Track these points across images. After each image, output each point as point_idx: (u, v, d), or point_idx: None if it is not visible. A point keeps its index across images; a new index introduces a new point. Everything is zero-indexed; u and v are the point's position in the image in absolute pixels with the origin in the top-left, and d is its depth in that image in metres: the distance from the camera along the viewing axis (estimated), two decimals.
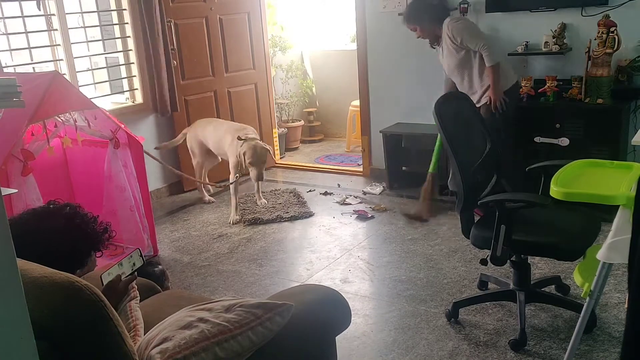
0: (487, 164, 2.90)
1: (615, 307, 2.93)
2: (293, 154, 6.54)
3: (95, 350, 1.39)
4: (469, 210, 2.82)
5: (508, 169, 3.21)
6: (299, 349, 1.87)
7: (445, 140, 2.70)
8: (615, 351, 2.58)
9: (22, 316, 1.02)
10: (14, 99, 1.34)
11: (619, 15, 3.88)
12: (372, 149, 5.27)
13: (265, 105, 5.81)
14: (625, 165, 2.47)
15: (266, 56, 5.79)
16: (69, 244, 1.93)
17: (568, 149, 4.00)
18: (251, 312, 1.71)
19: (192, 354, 1.56)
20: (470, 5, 4.41)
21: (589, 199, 2.18)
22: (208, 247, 4.11)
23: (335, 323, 2.06)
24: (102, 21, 4.87)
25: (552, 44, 4.14)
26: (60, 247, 1.89)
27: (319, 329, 1.98)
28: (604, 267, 2.13)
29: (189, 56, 5.16)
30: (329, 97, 6.98)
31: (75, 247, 1.96)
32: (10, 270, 0.99)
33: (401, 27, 4.29)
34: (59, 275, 1.39)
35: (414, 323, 2.96)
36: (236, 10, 5.47)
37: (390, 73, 5.00)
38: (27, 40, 4.25)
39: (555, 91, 4.10)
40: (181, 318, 1.71)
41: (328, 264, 3.72)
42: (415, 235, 4.01)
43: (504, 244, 2.55)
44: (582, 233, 2.65)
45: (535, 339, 2.74)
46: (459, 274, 3.42)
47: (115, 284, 1.92)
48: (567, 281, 3.16)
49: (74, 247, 1.95)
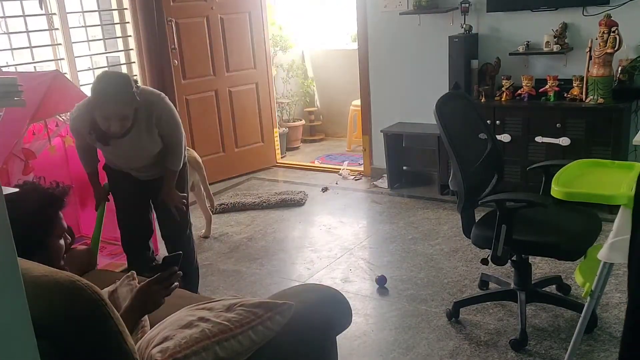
0: (488, 163, 2.90)
1: (616, 307, 2.93)
2: (294, 153, 6.54)
3: (96, 349, 1.39)
4: (469, 209, 2.82)
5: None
6: (300, 348, 1.87)
7: (446, 139, 2.70)
8: (616, 351, 2.58)
9: (23, 315, 1.02)
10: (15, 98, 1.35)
11: (620, 14, 3.88)
12: (373, 148, 5.26)
13: (266, 105, 5.81)
14: (626, 165, 2.46)
15: (267, 56, 5.78)
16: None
17: (569, 148, 4.00)
18: (252, 312, 1.71)
19: (193, 353, 1.56)
20: (471, 4, 4.41)
21: (590, 198, 2.18)
22: (209, 246, 4.11)
23: (336, 322, 2.06)
24: (103, 20, 4.87)
25: (553, 44, 4.14)
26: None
27: (319, 328, 1.98)
28: (605, 267, 2.13)
29: (189, 56, 5.16)
30: (330, 96, 6.98)
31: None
32: (11, 269, 0.99)
33: (402, 26, 4.29)
34: (60, 274, 1.39)
35: (415, 323, 2.95)
36: (237, 10, 5.46)
37: (391, 72, 5.00)
38: (29, 40, 4.25)
39: (556, 91, 4.10)
40: (182, 317, 1.71)
41: (329, 263, 3.72)
42: (416, 235, 4.01)
43: (504, 244, 2.55)
44: (583, 233, 2.65)
45: (536, 338, 2.73)
46: (459, 274, 3.42)
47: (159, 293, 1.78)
48: (568, 281, 3.15)
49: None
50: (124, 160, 2.99)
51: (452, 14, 4.53)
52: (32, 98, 2.93)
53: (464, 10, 4.40)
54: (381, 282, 3.33)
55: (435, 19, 4.64)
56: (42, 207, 1.93)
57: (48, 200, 1.95)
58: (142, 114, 2.79)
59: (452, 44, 4.38)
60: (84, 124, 2.80)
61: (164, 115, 2.86)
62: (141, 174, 3.05)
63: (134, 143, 2.85)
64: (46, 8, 4.31)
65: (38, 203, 1.90)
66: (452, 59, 4.42)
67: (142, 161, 2.98)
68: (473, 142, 2.95)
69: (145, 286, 1.78)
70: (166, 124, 2.87)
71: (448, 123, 2.72)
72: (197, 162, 3.96)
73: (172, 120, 2.90)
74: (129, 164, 3.02)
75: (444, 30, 4.53)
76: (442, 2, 4.56)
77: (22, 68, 4.20)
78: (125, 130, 2.76)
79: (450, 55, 4.41)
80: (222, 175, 5.46)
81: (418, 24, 4.73)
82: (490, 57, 4.46)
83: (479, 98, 4.36)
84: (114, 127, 2.70)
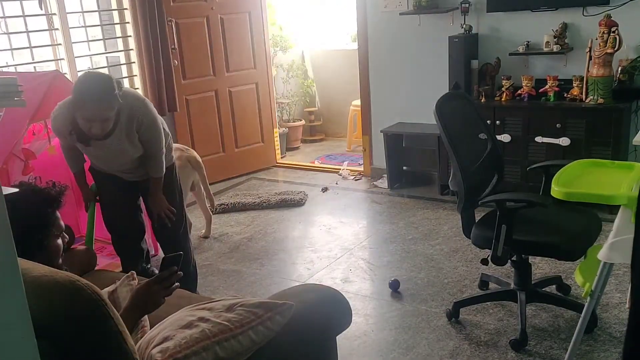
0: (488, 163, 2.90)
1: (617, 307, 2.93)
2: (294, 153, 6.54)
3: (96, 349, 1.39)
4: (469, 209, 2.82)
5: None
6: (300, 348, 1.87)
7: (446, 139, 2.70)
8: (616, 351, 2.58)
9: (23, 315, 1.02)
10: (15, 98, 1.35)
11: (620, 15, 3.88)
12: (373, 148, 5.26)
13: (266, 105, 5.81)
14: (626, 165, 2.47)
15: (267, 56, 5.78)
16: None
17: (569, 148, 4.00)
18: (252, 312, 1.71)
19: (193, 353, 1.56)
20: (471, 5, 4.41)
21: (590, 198, 2.19)
22: (209, 246, 4.11)
23: (336, 322, 2.06)
24: (103, 20, 4.87)
25: (553, 44, 4.14)
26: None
27: (319, 328, 1.98)
28: (605, 267, 2.13)
29: (189, 56, 5.16)
30: (330, 96, 6.98)
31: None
32: (11, 269, 0.99)
33: (402, 26, 4.29)
34: (60, 274, 1.39)
35: (415, 323, 2.95)
36: (237, 10, 5.46)
37: (391, 72, 5.00)
38: (29, 40, 4.25)
39: (556, 91, 4.10)
40: (182, 317, 1.70)
41: (329, 263, 3.72)
42: (416, 235, 4.01)
43: (504, 244, 2.55)
44: (583, 233, 2.65)
45: (536, 339, 2.73)
46: (459, 274, 3.42)
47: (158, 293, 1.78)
48: (568, 281, 3.15)
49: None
50: (105, 162, 2.95)
51: (452, 14, 4.53)
52: (32, 98, 2.93)
53: (464, 11, 4.40)
54: (394, 286, 3.30)
55: (435, 19, 4.64)
56: (39, 208, 1.93)
57: (45, 201, 1.95)
58: (124, 117, 2.74)
59: (452, 44, 4.38)
60: (65, 124, 2.75)
61: (146, 120, 2.81)
62: (126, 175, 3.02)
63: (115, 146, 2.81)
64: (46, 8, 4.30)
65: (35, 204, 1.90)
66: (452, 59, 4.42)
67: (123, 165, 2.95)
68: (473, 142, 2.95)
69: (145, 286, 1.78)
70: (147, 130, 2.82)
71: (448, 123, 2.72)
72: (197, 161, 3.95)
73: (153, 127, 2.85)
74: (111, 167, 2.98)
75: (444, 30, 4.53)
76: (442, 2, 4.56)
77: (22, 68, 4.20)
78: (106, 133, 2.72)
79: (450, 55, 4.41)
80: (222, 175, 5.46)
81: (418, 24, 4.73)
82: (490, 57, 4.46)
83: (479, 98, 4.36)
84: (95, 129, 2.64)
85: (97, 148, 2.82)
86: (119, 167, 2.97)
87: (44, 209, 1.95)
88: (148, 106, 2.85)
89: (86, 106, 2.60)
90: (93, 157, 2.97)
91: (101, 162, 2.98)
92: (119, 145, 2.81)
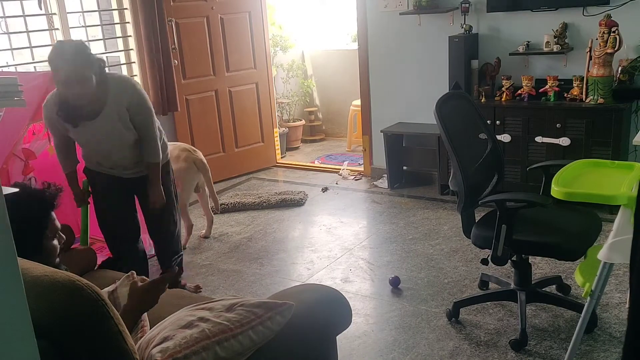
0: (488, 163, 2.90)
1: (616, 307, 2.93)
2: (294, 153, 6.54)
3: (96, 349, 1.39)
4: (469, 209, 2.82)
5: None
6: (300, 348, 1.87)
7: (446, 139, 2.70)
8: (616, 351, 2.58)
9: (23, 315, 1.02)
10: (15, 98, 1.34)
11: (620, 15, 3.88)
12: (373, 148, 5.27)
13: (266, 105, 5.81)
14: (626, 165, 2.46)
15: (267, 55, 5.78)
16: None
17: (569, 148, 4.00)
18: (252, 312, 1.71)
19: (193, 353, 1.56)
20: (471, 4, 4.41)
21: (590, 198, 2.18)
22: (209, 246, 4.11)
23: (336, 322, 2.06)
24: (103, 20, 4.87)
25: (554, 44, 4.14)
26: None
27: (319, 328, 1.99)
28: (605, 267, 2.13)
29: (189, 56, 5.16)
30: (330, 96, 6.98)
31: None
32: (11, 269, 0.99)
33: (402, 26, 4.29)
34: (60, 274, 1.39)
35: (415, 323, 2.96)
36: (237, 10, 5.47)
37: (391, 72, 5.00)
38: (29, 40, 4.25)
39: (556, 91, 4.10)
40: (182, 317, 1.71)
41: (329, 263, 3.72)
42: (416, 235, 4.01)
43: (504, 244, 2.55)
44: (583, 233, 2.65)
45: (536, 338, 2.73)
46: (459, 274, 3.42)
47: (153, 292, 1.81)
48: (568, 281, 3.15)
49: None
50: (97, 147, 2.90)
51: (452, 14, 4.53)
52: (32, 98, 2.94)
53: (464, 10, 4.40)
54: (395, 283, 3.31)
55: (435, 19, 4.64)
56: (34, 210, 1.92)
57: (39, 203, 1.94)
58: (112, 96, 2.75)
59: (452, 44, 4.38)
60: (53, 108, 2.76)
61: (136, 96, 2.82)
62: (121, 171, 2.99)
63: (106, 128, 2.79)
64: (46, 8, 4.31)
65: (29, 206, 1.90)
66: (452, 59, 4.42)
67: (118, 152, 2.91)
68: (473, 142, 2.95)
69: (146, 285, 1.79)
70: (138, 107, 2.83)
71: (448, 123, 2.72)
72: (203, 164, 3.95)
73: (144, 105, 2.86)
74: (105, 155, 2.94)
75: (444, 30, 4.54)
76: (442, 2, 4.56)
77: (22, 68, 4.20)
78: (94, 112, 2.71)
79: (450, 55, 4.41)
80: (222, 175, 5.46)
81: (418, 24, 4.73)
82: (490, 57, 4.46)
83: (479, 98, 4.36)
84: (75, 89, 2.62)
85: (87, 130, 2.80)
86: (113, 155, 2.93)
87: (38, 211, 1.94)
88: (137, 86, 2.87)
89: (61, 67, 2.60)
90: (86, 144, 2.92)
91: (95, 152, 2.94)
92: (111, 128, 2.79)
